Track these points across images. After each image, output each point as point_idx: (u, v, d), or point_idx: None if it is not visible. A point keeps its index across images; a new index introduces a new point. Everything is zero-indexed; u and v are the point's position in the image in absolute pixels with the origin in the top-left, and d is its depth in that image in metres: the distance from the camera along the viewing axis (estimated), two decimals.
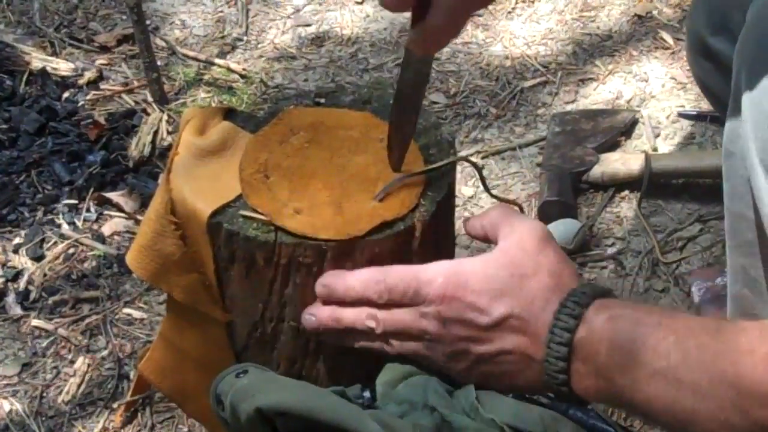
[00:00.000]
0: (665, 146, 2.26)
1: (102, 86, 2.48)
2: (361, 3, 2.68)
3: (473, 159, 2.18)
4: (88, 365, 1.89)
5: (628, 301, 1.08)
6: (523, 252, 1.08)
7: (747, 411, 0.93)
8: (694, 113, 2.32)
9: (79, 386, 1.86)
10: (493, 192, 2.15)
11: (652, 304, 1.13)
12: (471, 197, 2.17)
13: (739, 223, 1.34)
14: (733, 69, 1.25)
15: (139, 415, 1.81)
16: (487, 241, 1.14)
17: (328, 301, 1.13)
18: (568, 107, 2.36)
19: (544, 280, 1.06)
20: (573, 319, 1.03)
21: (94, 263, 2.07)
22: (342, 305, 1.12)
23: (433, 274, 1.07)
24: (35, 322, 1.97)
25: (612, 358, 1.01)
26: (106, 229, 2.14)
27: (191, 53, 2.54)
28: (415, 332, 1.09)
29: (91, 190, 2.20)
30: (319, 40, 2.59)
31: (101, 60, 2.55)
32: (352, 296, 1.11)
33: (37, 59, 2.51)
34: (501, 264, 1.07)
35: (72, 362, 1.90)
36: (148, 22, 2.45)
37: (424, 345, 1.09)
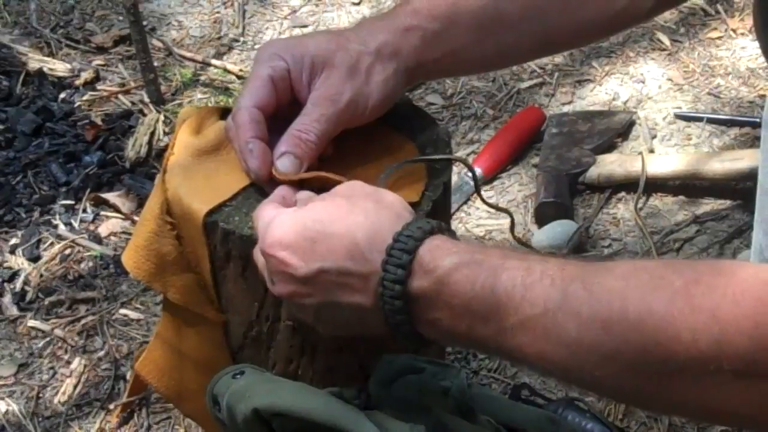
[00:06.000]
0: (662, 148, 2.26)
1: (99, 87, 2.47)
2: (357, 4, 2.68)
3: (469, 160, 2.18)
4: (85, 366, 1.89)
5: (465, 242, 0.99)
6: (339, 198, 1.04)
7: (654, 350, 0.87)
8: (691, 114, 2.32)
9: (75, 387, 1.86)
10: (486, 198, 2.16)
11: (494, 246, 1.06)
12: (467, 199, 2.17)
13: (764, 198, 1.31)
14: None
15: (136, 415, 1.81)
16: None
17: None
18: (565, 109, 2.36)
19: (364, 224, 1.00)
20: (401, 269, 0.97)
21: (90, 264, 2.07)
22: None
23: (262, 227, 1.04)
24: (31, 323, 1.97)
25: (470, 308, 0.95)
26: (103, 230, 2.14)
27: (188, 54, 2.54)
28: (269, 284, 1.06)
29: (88, 190, 2.20)
30: None
31: (98, 61, 2.55)
32: None
33: (33, 60, 2.51)
34: (316, 213, 1.02)
35: (68, 363, 1.90)
36: (144, 22, 2.45)
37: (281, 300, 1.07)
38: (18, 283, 2.03)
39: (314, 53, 1.16)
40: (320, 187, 1.12)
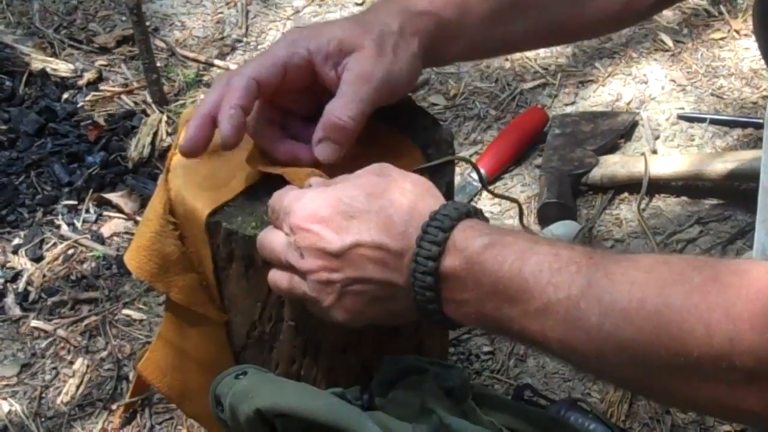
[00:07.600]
0: (665, 148, 2.26)
1: (101, 87, 2.48)
2: (360, 5, 2.68)
3: (473, 160, 2.18)
4: (87, 366, 1.89)
5: (499, 226, 1.03)
6: (373, 176, 1.05)
7: (668, 343, 0.88)
8: (694, 115, 2.32)
9: (78, 387, 1.86)
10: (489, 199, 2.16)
11: (524, 231, 1.09)
12: (470, 200, 2.17)
13: (766, 198, 1.31)
14: None
15: (138, 416, 1.81)
16: None
17: None
18: (568, 109, 2.36)
19: (400, 201, 1.02)
20: (436, 246, 0.98)
21: (93, 264, 2.07)
22: None
23: (292, 202, 1.05)
24: (34, 323, 1.97)
25: (497, 289, 0.96)
26: (106, 230, 2.14)
27: (191, 54, 2.54)
28: (285, 263, 1.06)
29: (91, 191, 2.20)
30: None
31: (101, 61, 2.55)
32: None
33: (36, 60, 2.51)
34: (351, 190, 1.04)
35: (71, 363, 1.90)
36: (147, 23, 2.45)
37: (295, 279, 1.07)
38: (21, 284, 2.03)
39: (341, 37, 1.16)
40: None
